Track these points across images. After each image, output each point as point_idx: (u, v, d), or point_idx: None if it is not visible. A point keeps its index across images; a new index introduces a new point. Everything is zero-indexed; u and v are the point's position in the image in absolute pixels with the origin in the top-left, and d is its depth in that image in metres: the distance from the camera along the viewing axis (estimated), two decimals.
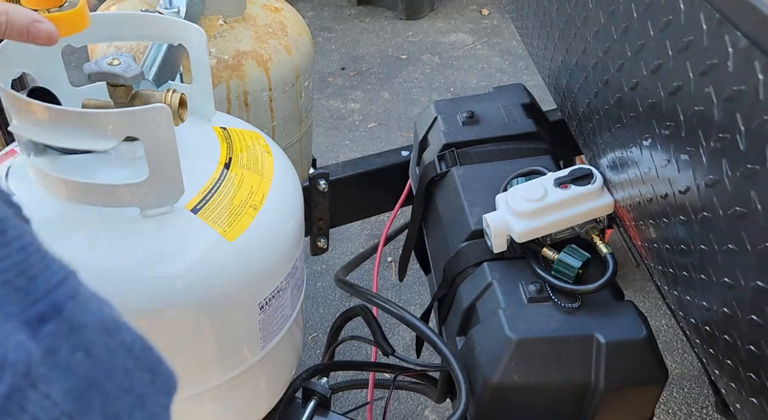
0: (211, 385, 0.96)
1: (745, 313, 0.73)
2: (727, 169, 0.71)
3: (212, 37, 1.30)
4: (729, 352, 0.80)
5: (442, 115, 1.45)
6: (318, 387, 1.13)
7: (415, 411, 1.98)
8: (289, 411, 1.14)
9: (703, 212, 0.77)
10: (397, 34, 3.92)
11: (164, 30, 0.97)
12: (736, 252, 0.72)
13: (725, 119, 0.70)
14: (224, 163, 0.94)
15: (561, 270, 1.07)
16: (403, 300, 2.30)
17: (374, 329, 1.24)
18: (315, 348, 2.12)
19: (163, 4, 1.19)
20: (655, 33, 0.85)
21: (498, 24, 4.02)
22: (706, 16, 0.72)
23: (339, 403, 1.89)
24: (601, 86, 1.04)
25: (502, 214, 1.12)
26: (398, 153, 1.75)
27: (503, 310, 1.06)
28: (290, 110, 1.44)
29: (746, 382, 0.78)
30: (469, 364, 1.08)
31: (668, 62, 0.81)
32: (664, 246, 0.92)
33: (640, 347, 1.03)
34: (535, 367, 1.03)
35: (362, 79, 3.52)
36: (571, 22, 1.13)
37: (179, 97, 0.88)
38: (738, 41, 0.67)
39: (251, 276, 0.91)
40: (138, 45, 1.25)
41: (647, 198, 0.94)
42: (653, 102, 0.87)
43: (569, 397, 1.05)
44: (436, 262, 1.35)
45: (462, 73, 3.57)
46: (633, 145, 0.95)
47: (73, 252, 0.79)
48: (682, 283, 0.89)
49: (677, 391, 2.03)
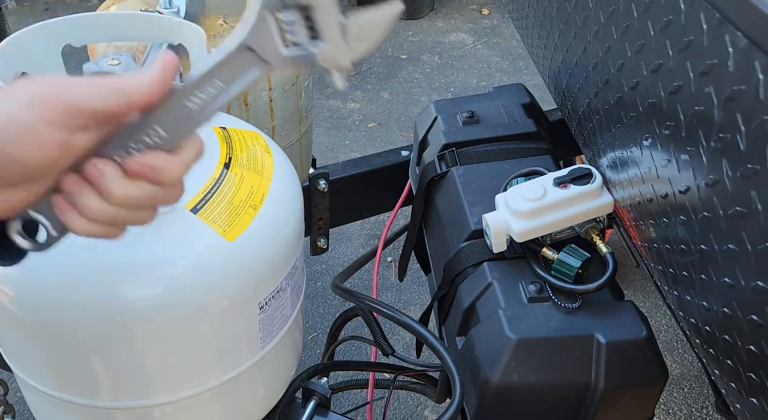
0: (211, 385, 0.95)
1: (745, 313, 0.73)
2: (728, 169, 0.71)
3: (212, 37, 1.30)
4: (729, 352, 0.79)
5: (442, 114, 1.45)
6: (318, 387, 1.13)
7: (415, 411, 1.98)
8: (289, 411, 1.14)
9: (704, 212, 0.77)
10: (397, 34, 3.92)
11: (164, 30, 0.97)
12: (737, 252, 0.72)
13: (725, 119, 0.70)
14: (224, 163, 0.94)
15: (561, 270, 1.07)
16: (403, 300, 2.30)
17: (374, 329, 1.24)
18: (315, 348, 2.12)
19: (162, 4, 1.19)
20: (655, 33, 0.84)
21: (498, 24, 4.02)
22: (707, 15, 0.72)
23: (339, 403, 1.89)
24: (601, 86, 1.04)
25: (502, 213, 1.11)
26: (398, 153, 1.75)
27: (503, 310, 1.06)
28: (290, 110, 1.44)
29: (746, 382, 0.77)
30: (470, 364, 1.08)
31: (668, 62, 0.81)
32: (664, 246, 0.91)
33: (640, 347, 1.02)
34: (535, 367, 1.03)
35: (362, 78, 3.52)
36: (571, 22, 1.13)
37: None
38: (738, 41, 0.67)
39: (251, 276, 0.91)
40: (138, 45, 1.24)
41: (647, 198, 0.93)
42: (653, 102, 0.86)
43: (569, 398, 1.05)
44: (436, 262, 1.34)
45: (462, 73, 3.57)
46: (633, 144, 0.95)
47: (73, 252, 0.79)
48: (682, 283, 0.88)
49: (677, 391, 2.03)
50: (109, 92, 0.55)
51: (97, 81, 0.55)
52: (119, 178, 0.57)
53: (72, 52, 0.96)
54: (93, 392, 0.93)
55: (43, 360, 0.93)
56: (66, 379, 0.93)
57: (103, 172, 0.56)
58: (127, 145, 0.57)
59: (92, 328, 0.85)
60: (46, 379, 0.95)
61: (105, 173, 0.56)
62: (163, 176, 0.58)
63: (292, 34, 0.57)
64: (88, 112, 0.54)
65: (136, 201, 0.58)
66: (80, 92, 0.54)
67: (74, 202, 0.57)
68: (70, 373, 0.92)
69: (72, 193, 0.57)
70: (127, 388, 0.92)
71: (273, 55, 0.57)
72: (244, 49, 0.57)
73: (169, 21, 0.96)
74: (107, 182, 0.56)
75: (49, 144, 0.53)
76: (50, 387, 0.94)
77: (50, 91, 0.53)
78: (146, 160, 0.57)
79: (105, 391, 0.93)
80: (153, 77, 0.56)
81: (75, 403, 0.94)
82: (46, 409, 1.01)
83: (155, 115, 0.57)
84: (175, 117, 0.57)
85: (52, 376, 0.94)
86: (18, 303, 0.85)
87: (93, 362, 0.90)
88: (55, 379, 0.94)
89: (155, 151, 0.58)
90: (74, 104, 0.53)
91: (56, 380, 0.94)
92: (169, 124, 0.57)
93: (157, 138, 0.57)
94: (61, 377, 0.93)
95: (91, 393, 0.93)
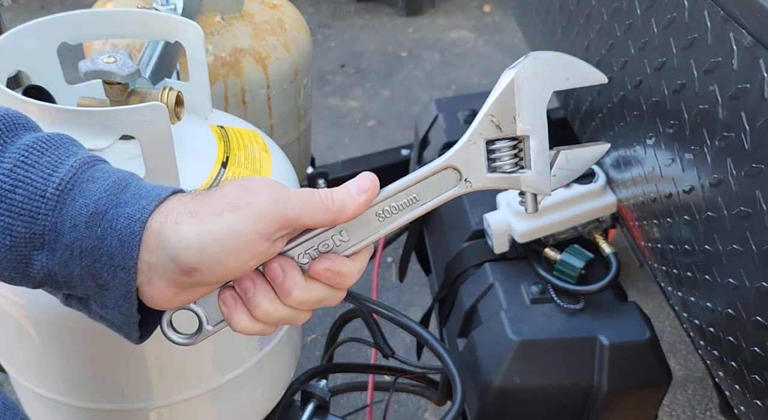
0: (210, 387, 0.95)
1: (749, 314, 0.73)
2: (732, 168, 0.70)
3: (210, 35, 1.29)
4: (733, 353, 0.79)
5: (443, 113, 1.44)
6: (317, 389, 1.13)
7: (415, 413, 1.97)
8: (287, 414, 1.13)
9: (708, 212, 0.77)
10: (397, 31, 3.91)
11: (161, 27, 0.96)
12: (741, 252, 0.71)
13: (730, 118, 0.70)
14: (221, 162, 0.94)
15: (563, 270, 1.06)
16: (404, 301, 2.29)
17: (374, 331, 1.23)
18: (314, 350, 2.11)
19: (159, 1, 1.18)
20: (658, 30, 0.84)
21: (500, 20, 4.01)
22: (710, 13, 0.71)
23: (338, 406, 1.88)
24: (604, 84, 1.03)
25: (504, 213, 1.11)
26: (398, 152, 1.75)
27: (505, 311, 1.05)
28: (289, 108, 1.43)
29: (750, 384, 0.77)
30: (471, 366, 1.08)
31: (672, 60, 0.81)
32: (667, 246, 0.91)
33: (644, 349, 1.02)
34: (537, 369, 1.02)
35: (362, 76, 3.51)
36: (574, 19, 1.13)
37: (176, 95, 0.87)
38: (742, 39, 0.66)
39: None
40: (134, 42, 1.23)
41: (651, 197, 0.93)
42: (657, 100, 0.86)
43: (571, 400, 1.04)
44: (437, 263, 1.34)
45: (463, 71, 3.56)
46: (636, 143, 0.94)
47: None
48: (686, 284, 0.88)
49: (681, 393, 2.02)
50: (319, 211, 0.55)
51: (310, 197, 0.56)
52: (300, 279, 0.57)
53: (68, 49, 0.95)
54: (89, 394, 0.92)
55: (40, 362, 0.92)
56: (62, 381, 0.93)
57: (287, 273, 0.56)
58: (313, 246, 0.58)
59: (90, 330, 0.84)
60: (42, 381, 0.94)
61: (289, 274, 0.56)
62: (345, 282, 0.58)
63: (500, 160, 0.59)
64: (298, 226, 0.56)
65: (310, 304, 0.58)
66: (295, 207, 0.55)
67: (246, 300, 0.57)
68: (66, 376, 0.92)
69: (246, 290, 0.57)
70: (125, 391, 0.92)
71: (477, 177, 0.59)
72: (449, 167, 0.59)
73: (166, 18, 0.95)
74: (288, 283, 0.56)
75: (258, 253, 0.55)
76: (46, 389, 0.94)
77: (270, 206, 0.54)
78: (331, 265, 0.57)
79: (102, 394, 0.92)
80: (361, 202, 0.56)
81: (71, 406, 0.94)
82: (41, 411, 1.01)
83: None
84: (364, 224, 0.58)
85: (48, 378, 0.93)
86: (15, 305, 0.85)
87: (90, 364, 0.89)
88: (51, 381, 0.93)
89: (335, 255, 0.58)
90: (290, 219, 0.55)
91: (52, 382, 0.93)
92: (356, 230, 0.58)
93: (339, 241, 0.58)
94: (58, 379, 0.93)
95: (88, 395, 0.93)
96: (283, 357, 1.08)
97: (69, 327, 0.85)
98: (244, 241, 0.53)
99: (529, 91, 0.58)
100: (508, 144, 0.59)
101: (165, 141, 0.79)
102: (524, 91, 0.57)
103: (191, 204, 0.55)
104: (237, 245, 0.53)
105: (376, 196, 0.57)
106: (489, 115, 0.58)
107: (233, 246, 0.53)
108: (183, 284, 0.55)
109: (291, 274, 0.56)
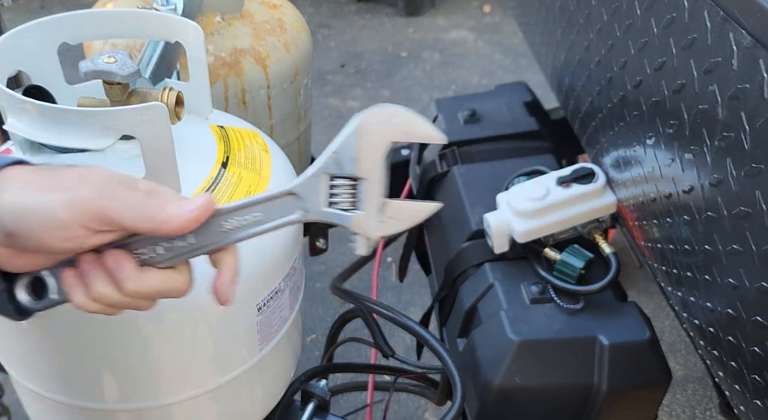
0: (209, 387, 0.95)
1: (749, 314, 0.73)
2: (732, 168, 0.70)
3: (210, 35, 1.29)
4: (733, 353, 0.79)
5: (443, 113, 1.44)
6: (317, 389, 1.13)
7: (415, 413, 1.97)
8: (287, 413, 1.13)
9: (707, 212, 0.77)
10: (397, 31, 3.91)
11: (161, 27, 0.96)
12: (741, 252, 0.71)
13: (729, 118, 0.70)
14: (221, 162, 0.94)
15: (563, 270, 1.06)
16: (404, 301, 2.29)
17: (374, 331, 1.23)
18: (314, 349, 2.11)
19: (159, 1, 1.17)
20: (658, 30, 0.84)
21: (500, 21, 4.01)
22: (710, 13, 0.71)
23: (338, 406, 1.88)
24: (604, 84, 1.03)
25: (504, 213, 1.11)
26: (398, 152, 1.74)
27: (505, 311, 1.05)
28: (289, 108, 1.43)
29: (750, 384, 0.77)
30: (471, 366, 1.08)
31: (672, 60, 0.81)
32: (667, 246, 0.91)
33: (643, 349, 1.02)
34: (537, 369, 1.02)
35: (362, 76, 3.51)
36: (574, 19, 1.12)
37: (176, 95, 0.87)
38: (742, 39, 0.66)
39: (249, 277, 0.90)
40: (134, 42, 1.23)
41: (651, 197, 0.93)
42: (657, 100, 0.86)
43: (571, 400, 1.04)
44: (437, 263, 1.34)
45: (463, 71, 3.56)
46: (636, 143, 0.94)
47: None
48: (685, 284, 0.88)
49: (681, 393, 2.02)
50: (140, 219, 0.58)
51: (142, 204, 0.58)
52: (134, 273, 0.59)
53: (68, 49, 0.95)
54: (90, 394, 0.92)
55: (40, 362, 0.92)
56: (63, 381, 0.93)
57: (120, 265, 0.59)
58: (156, 244, 0.61)
59: (90, 330, 0.85)
60: (43, 381, 0.94)
61: (122, 267, 0.59)
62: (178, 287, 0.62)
63: (337, 196, 0.63)
64: (116, 225, 0.58)
65: (145, 295, 0.61)
66: (115, 209, 0.57)
67: (83, 280, 0.60)
68: (66, 375, 0.92)
69: (84, 272, 0.60)
70: (124, 391, 0.92)
71: (314, 208, 0.64)
72: (293, 194, 0.63)
73: (166, 18, 0.95)
74: (121, 275, 0.59)
75: (73, 239, 0.58)
76: (47, 389, 0.94)
77: (92, 198, 0.57)
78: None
79: (102, 394, 0.92)
80: (188, 218, 0.59)
81: (71, 405, 0.94)
82: (42, 411, 1.01)
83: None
84: (208, 231, 0.62)
85: (48, 378, 0.93)
86: None
87: (90, 364, 0.89)
88: (51, 381, 0.93)
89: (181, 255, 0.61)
90: (108, 216, 0.57)
91: (53, 382, 0.93)
92: (200, 235, 0.61)
93: (185, 244, 0.61)
94: (58, 379, 0.93)
95: (88, 395, 0.92)
96: (283, 357, 1.07)
97: (69, 327, 0.85)
98: (58, 221, 0.56)
99: (369, 138, 0.62)
100: (348, 183, 0.63)
101: (165, 141, 0.79)
102: (365, 137, 0.62)
103: (29, 175, 0.59)
104: (51, 223, 0.56)
105: (208, 217, 0.60)
106: (333, 153, 0.63)
107: (46, 223, 0.56)
108: (13, 247, 0.58)
109: (124, 267, 0.59)
